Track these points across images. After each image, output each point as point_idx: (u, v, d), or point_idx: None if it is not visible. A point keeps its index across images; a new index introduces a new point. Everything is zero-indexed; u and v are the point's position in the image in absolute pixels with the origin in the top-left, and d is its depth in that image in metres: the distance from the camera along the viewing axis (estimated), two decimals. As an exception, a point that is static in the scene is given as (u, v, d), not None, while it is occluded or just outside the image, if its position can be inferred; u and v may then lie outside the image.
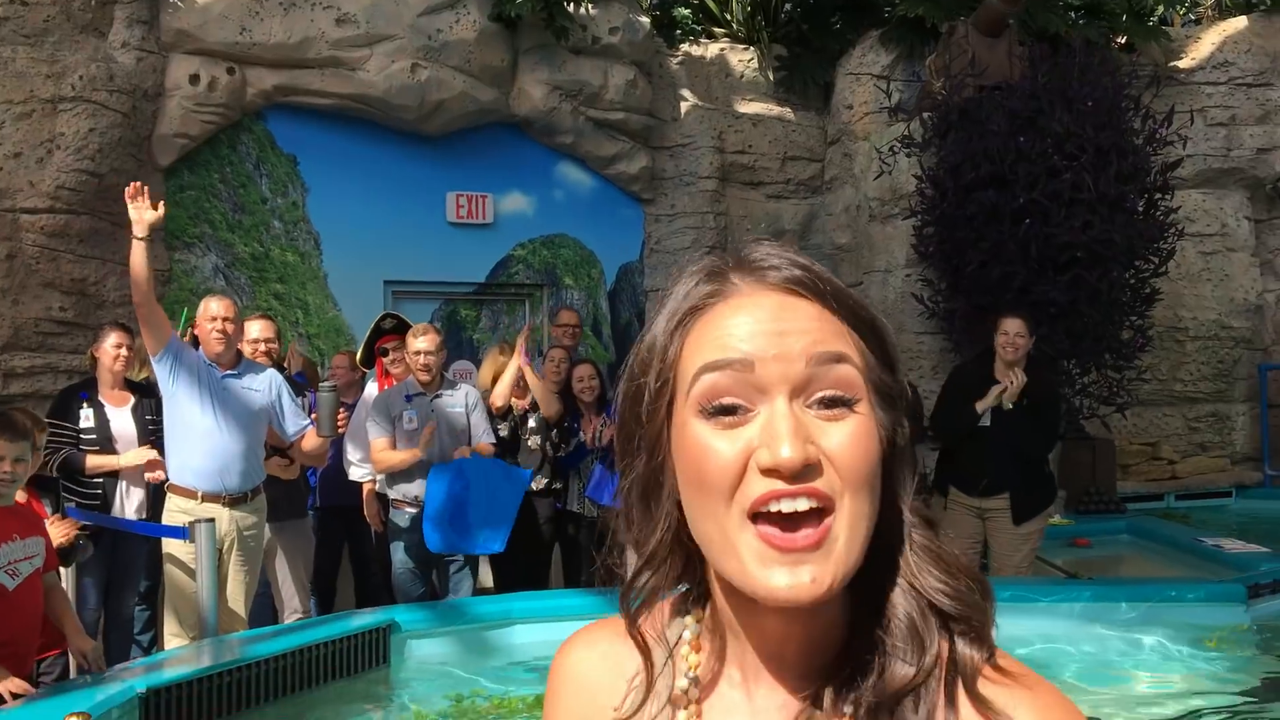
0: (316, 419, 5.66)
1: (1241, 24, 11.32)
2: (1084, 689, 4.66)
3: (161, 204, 5.13)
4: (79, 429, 5.66)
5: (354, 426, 6.42)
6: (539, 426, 6.62)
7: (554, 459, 6.73)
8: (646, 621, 0.95)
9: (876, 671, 0.84)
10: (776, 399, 0.81)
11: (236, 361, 5.57)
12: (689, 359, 0.86)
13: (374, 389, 6.70)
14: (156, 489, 5.68)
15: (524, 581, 6.42)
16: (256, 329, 6.19)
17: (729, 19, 11.81)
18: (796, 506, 0.79)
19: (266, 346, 6.19)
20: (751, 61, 11.46)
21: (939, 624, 0.85)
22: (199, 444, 5.34)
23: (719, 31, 11.81)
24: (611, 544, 0.97)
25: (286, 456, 6.01)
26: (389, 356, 6.75)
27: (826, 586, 0.80)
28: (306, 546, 6.42)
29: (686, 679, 0.93)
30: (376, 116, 9.39)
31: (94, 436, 5.67)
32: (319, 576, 6.69)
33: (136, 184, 5.11)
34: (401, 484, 6.09)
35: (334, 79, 9.12)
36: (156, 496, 5.69)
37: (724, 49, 11.48)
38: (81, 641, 4.43)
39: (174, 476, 5.41)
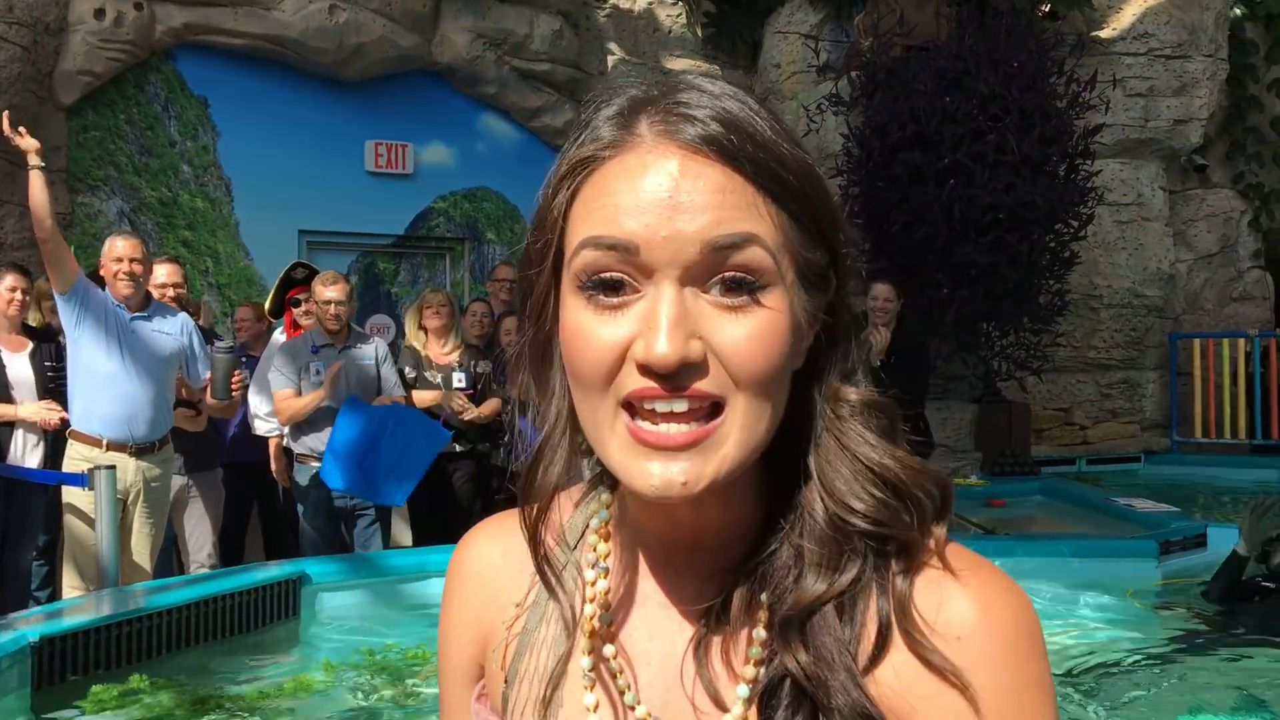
0: (210, 381, 5.46)
1: (1162, -4, 11.45)
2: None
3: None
4: (-28, 375, 5.39)
5: (258, 379, 6.20)
6: (467, 386, 6.46)
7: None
8: (547, 514, 0.85)
9: (791, 579, 0.76)
10: (664, 284, 0.71)
11: (146, 304, 5.34)
12: (573, 225, 0.76)
13: (281, 339, 6.46)
14: (57, 437, 5.42)
15: (443, 540, 6.28)
16: (164, 273, 5.96)
17: (657, -27, 11.65)
18: (673, 407, 0.71)
19: (175, 292, 5.96)
20: (680, 17, 11.33)
21: (864, 534, 0.76)
22: (105, 389, 5.11)
23: (648, -15, 11.64)
24: (509, 427, 0.86)
25: (193, 408, 5.79)
26: (300, 308, 6.50)
27: (702, 487, 0.71)
28: (216, 500, 6.22)
29: (594, 570, 0.84)
30: (292, 59, 9.09)
31: (-11, 383, 5.40)
32: (227, 536, 6.47)
33: (6, 112, 4.96)
34: (307, 437, 5.88)
35: (248, 18, 8.80)
36: (58, 446, 5.43)
37: (652, 3, 11.33)
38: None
39: (77, 423, 5.18)
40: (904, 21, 9.12)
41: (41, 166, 4.85)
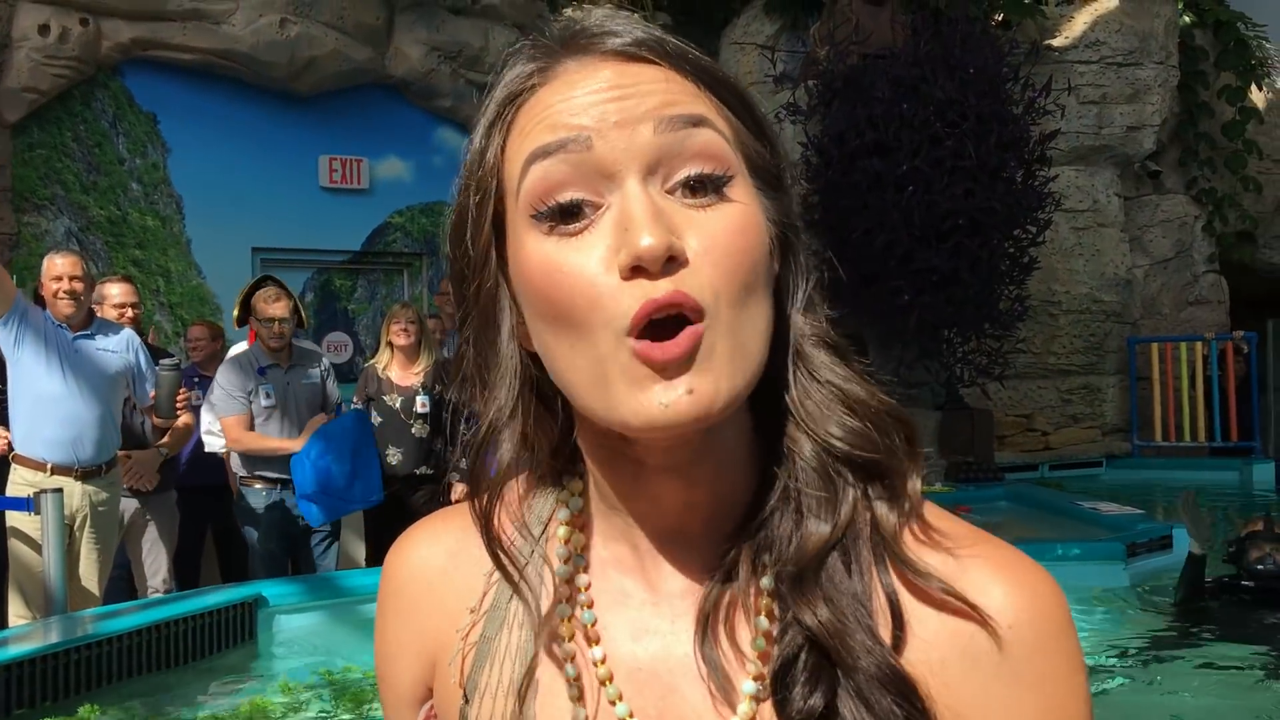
0: (155, 399, 5.32)
1: (1113, 4, 11.57)
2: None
3: None
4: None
5: (210, 393, 6.06)
6: (432, 410, 6.31)
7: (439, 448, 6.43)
8: (501, 504, 0.76)
9: (793, 529, 0.69)
10: (627, 182, 0.65)
11: (88, 322, 5.18)
12: (514, 154, 0.68)
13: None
14: (2, 463, 5.25)
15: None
16: (118, 292, 5.82)
17: (612, -15, 11.62)
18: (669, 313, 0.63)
19: (134, 313, 5.84)
20: (635, 29, 11.27)
21: (850, 469, 0.70)
22: (50, 411, 4.95)
23: (602, -3, 11.60)
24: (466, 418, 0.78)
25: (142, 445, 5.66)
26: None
27: (709, 399, 0.63)
28: (171, 523, 6.05)
29: (567, 565, 0.75)
30: (243, 74, 8.95)
31: (-74, 406, 5.23)
32: (181, 559, 6.29)
33: None
34: (258, 463, 5.76)
35: (196, 33, 8.66)
36: (3, 472, 5.26)
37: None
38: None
39: (20, 447, 5.00)
40: (860, 30, 9.14)
41: None
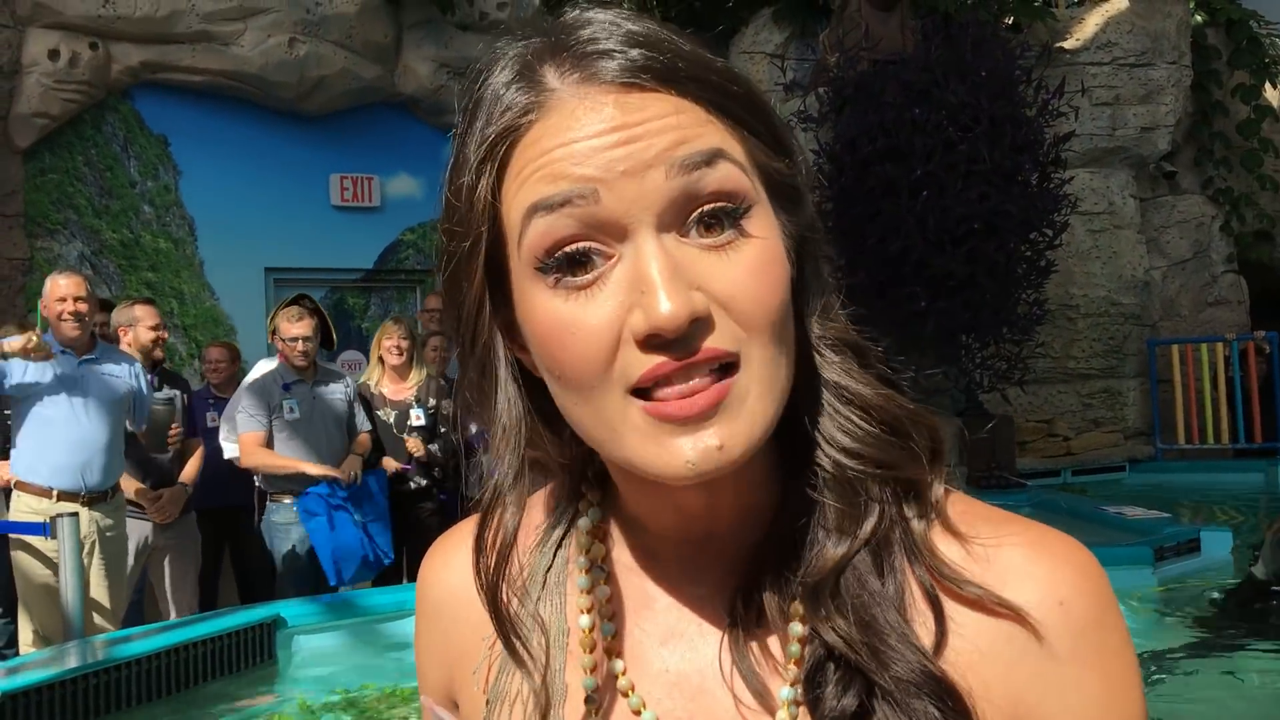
0: (146, 433, 5.31)
1: (1123, 5, 11.51)
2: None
3: None
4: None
5: (231, 404, 6.04)
6: (427, 423, 6.28)
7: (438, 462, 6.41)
8: (523, 519, 0.73)
9: (813, 539, 0.67)
10: (641, 236, 0.60)
11: (93, 345, 5.14)
12: (512, 201, 0.63)
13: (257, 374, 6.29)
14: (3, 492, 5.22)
15: (412, 574, 6.12)
16: (146, 315, 5.88)
17: (620, -2, 11.62)
18: (692, 382, 0.60)
19: (165, 335, 5.93)
20: (644, 41, 11.28)
21: (870, 476, 0.68)
22: (57, 437, 4.92)
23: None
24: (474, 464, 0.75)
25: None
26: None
27: (740, 452, 0.61)
28: (195, 545, 6.05)
29: (588, 576, 0.73)
30: (253, 95, 8.96)
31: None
32: (199, 581, 6.27)
33: None
34: (280, 478, 5.73)
35: (206, 55, 8.67)
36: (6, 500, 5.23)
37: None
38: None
39: (24, 474, 4.97)
40: (869, 36, 9.09)
41: None
